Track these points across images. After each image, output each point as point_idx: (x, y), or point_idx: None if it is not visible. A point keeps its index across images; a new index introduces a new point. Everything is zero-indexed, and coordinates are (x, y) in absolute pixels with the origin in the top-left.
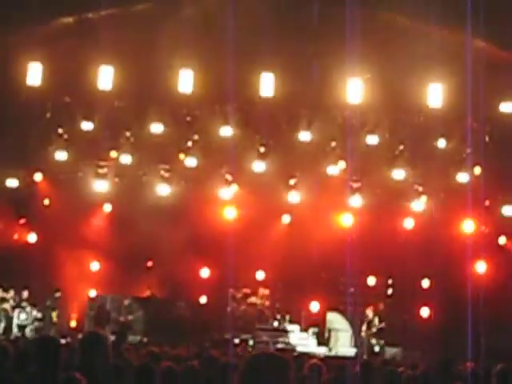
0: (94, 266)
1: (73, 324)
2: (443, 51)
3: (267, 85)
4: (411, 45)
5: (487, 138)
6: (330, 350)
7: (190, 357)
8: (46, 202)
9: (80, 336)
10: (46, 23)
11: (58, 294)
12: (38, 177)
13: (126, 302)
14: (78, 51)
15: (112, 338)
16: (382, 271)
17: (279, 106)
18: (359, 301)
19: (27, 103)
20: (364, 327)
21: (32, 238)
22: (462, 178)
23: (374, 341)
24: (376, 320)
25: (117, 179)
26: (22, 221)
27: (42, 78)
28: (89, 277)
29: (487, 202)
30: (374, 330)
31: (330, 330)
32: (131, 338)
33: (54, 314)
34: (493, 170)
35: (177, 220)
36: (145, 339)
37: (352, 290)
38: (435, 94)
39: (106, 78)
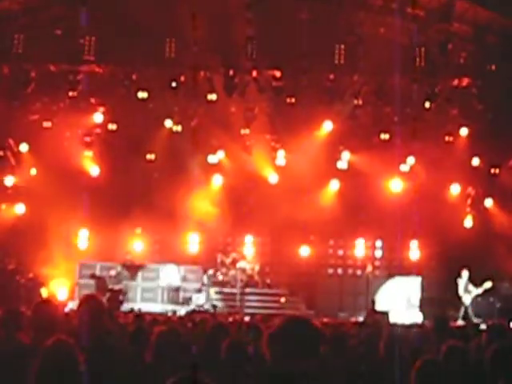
0: (82, 233)
1: (63, 297)
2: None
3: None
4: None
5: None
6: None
7: (181, 321)
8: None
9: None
10: None
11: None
12: (23, 147)
13: (114, 271)
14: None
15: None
16: (371, 234)
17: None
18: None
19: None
20: (461, 291)
21: (20, 208)
22: (449, 138)
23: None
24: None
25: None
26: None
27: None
28: (76, 245)
29: (476, 163)
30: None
31: None
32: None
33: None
34: (481, 131)
35: (165, 186)
36: (136, 307)
37: (341, 252)
38: (421, 55)
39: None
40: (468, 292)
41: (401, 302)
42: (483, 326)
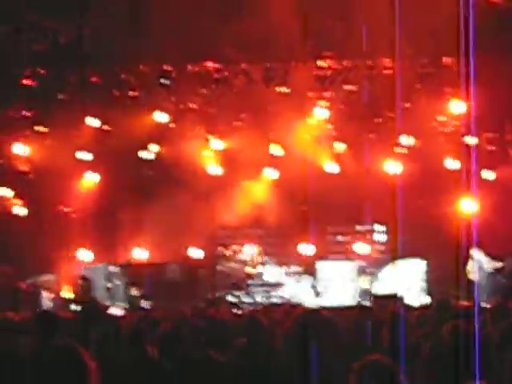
0: (84, 235)
1: (66, 295)
2: None
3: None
4: None
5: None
6: None
7: (186, 318)
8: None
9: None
10: None
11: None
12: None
13: (113, 269)
14: None
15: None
16: (369, 217)
17: None
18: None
19: None
20: (469, 267)
21: (18, 209)
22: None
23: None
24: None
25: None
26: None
27: None
28: (79, 246)
29: (471, 141)
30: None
31: None
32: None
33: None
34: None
35: (161, 185)
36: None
37: (340, 238)
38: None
39: None
40: (479, 270)
41: (406, 285)
42: (487, 305)
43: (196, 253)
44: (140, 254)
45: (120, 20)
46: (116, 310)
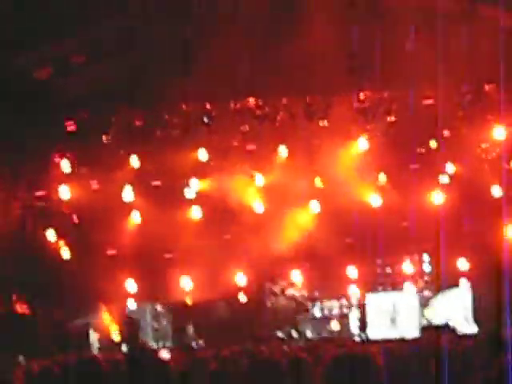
0: (131, 275)
1: (114, 336)
2: None
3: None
4: None
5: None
6: None
7: (235, 357)
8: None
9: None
10: None
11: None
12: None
13: (160, 309)
14: None
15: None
16: (417, 248)
17: None
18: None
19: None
20: None
21: (65, 253)
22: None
23: None
24: None
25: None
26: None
27: None
28: (126, 286)
29: None
30: None
31: None
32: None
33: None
34: None
35: (206, 222)
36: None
37: (389, 270)
38: None
39: None
40: None
41: (454, 314)
42: None
43: (244, 289)
44: (187, 292)
45: (162, 61)
46: (164, 353)
